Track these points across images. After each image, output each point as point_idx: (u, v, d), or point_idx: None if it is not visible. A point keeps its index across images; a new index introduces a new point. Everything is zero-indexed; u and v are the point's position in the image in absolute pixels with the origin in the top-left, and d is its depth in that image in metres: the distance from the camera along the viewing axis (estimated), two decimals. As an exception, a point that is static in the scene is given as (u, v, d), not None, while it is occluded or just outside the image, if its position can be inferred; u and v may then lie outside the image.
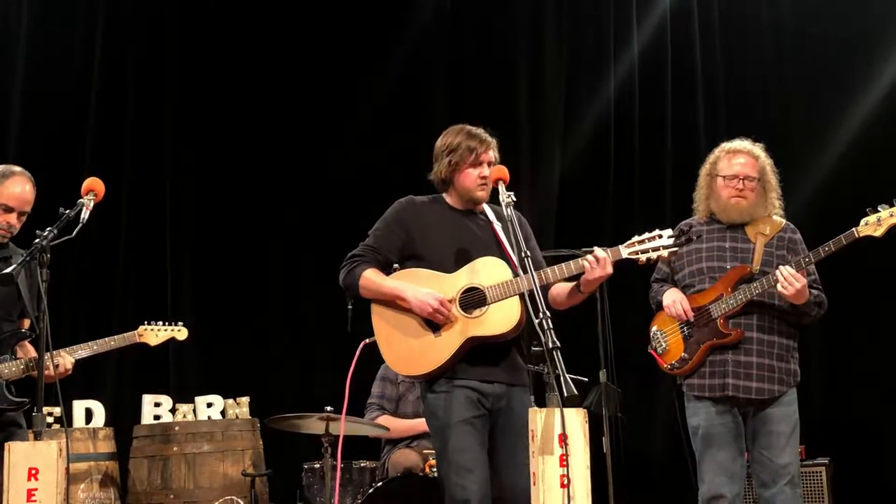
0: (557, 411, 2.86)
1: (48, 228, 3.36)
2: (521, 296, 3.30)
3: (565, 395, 2.81)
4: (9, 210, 3.88)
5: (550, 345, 2.90)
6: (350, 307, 5.12)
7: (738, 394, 3.85)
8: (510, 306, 3.37)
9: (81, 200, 3.46)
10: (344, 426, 4.03)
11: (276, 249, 6.61)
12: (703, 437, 3.93)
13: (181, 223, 6.46)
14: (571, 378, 2.83)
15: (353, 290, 3.53)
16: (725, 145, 4.12)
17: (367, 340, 3.81)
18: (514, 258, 3.33)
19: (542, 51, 6.70)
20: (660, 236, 3.33)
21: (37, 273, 3.37)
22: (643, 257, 3.33)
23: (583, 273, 3.35)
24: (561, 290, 3.54)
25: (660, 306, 4.09)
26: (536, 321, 2.99)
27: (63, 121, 6.31)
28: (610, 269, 3.32)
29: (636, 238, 3.35)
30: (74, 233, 3.39)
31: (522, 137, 6.56)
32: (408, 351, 3.45)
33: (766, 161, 4.06)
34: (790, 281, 3.73)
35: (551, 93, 6.63)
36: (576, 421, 2.87)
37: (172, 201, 6.46)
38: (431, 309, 3.37)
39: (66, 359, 3.89)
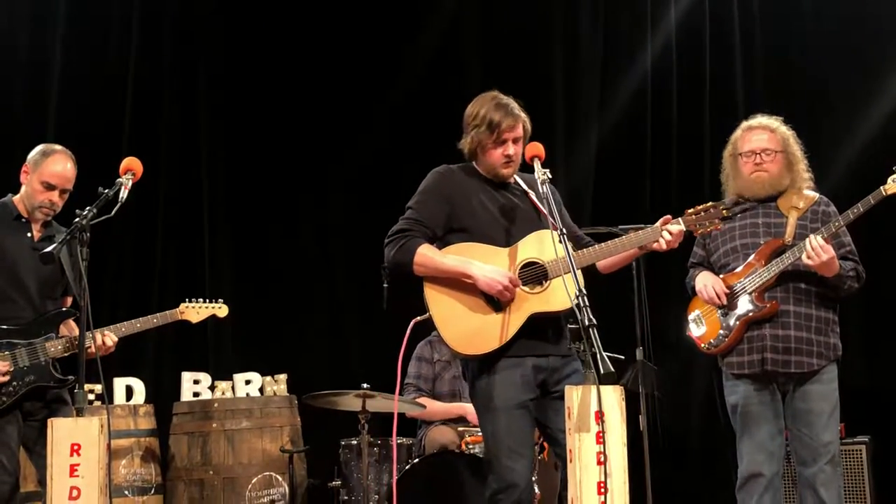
0: (594, 388, 2.84)
1: (87, 208, 3.40)
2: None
3: (602, 372, 2.79)
4: (50, 188, 3.94)
5: (587, 322, 2.89)
6: (386, 286, 5.13)
7: (777, 368, 3.81)
8: (571, 280, 3.20)
9: (120, 180, 3.48)
10: (387, 403, 4.05)
11: (313, 228, 6.63)
12: (742, 416, 3.90)
13: (218, 201, 6.49)
14: (608, 356, 2.81)
15: (407, 267, 3.33)
16: (744, 123, 4.10)
17: (419, 318, 3.69)
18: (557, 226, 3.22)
19: (577, 21, 6.62)
20: (714, 207, 3.42)
21: (77, 252, 3.41)
22: (700, 229, 3.42)
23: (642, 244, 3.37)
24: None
25: (695, 291, 4.06)
26: (574, 300, 2.97)
27: (101, 101, 6.34)
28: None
29: (691, 210, 3.41)
30: (113, 212, 3.41)
31: (557, 111, 6.50)
32: (469, 329, 3.31)
33: (787, 133, 4.00)
34: (817, 252, 3.67)
35: (587, 65, 6.57)
36: (612, 398, 2.86)
37: (209, 180, 6.49)
38: (501, 287, 3.23)
39: (109, 336, 3.94)
